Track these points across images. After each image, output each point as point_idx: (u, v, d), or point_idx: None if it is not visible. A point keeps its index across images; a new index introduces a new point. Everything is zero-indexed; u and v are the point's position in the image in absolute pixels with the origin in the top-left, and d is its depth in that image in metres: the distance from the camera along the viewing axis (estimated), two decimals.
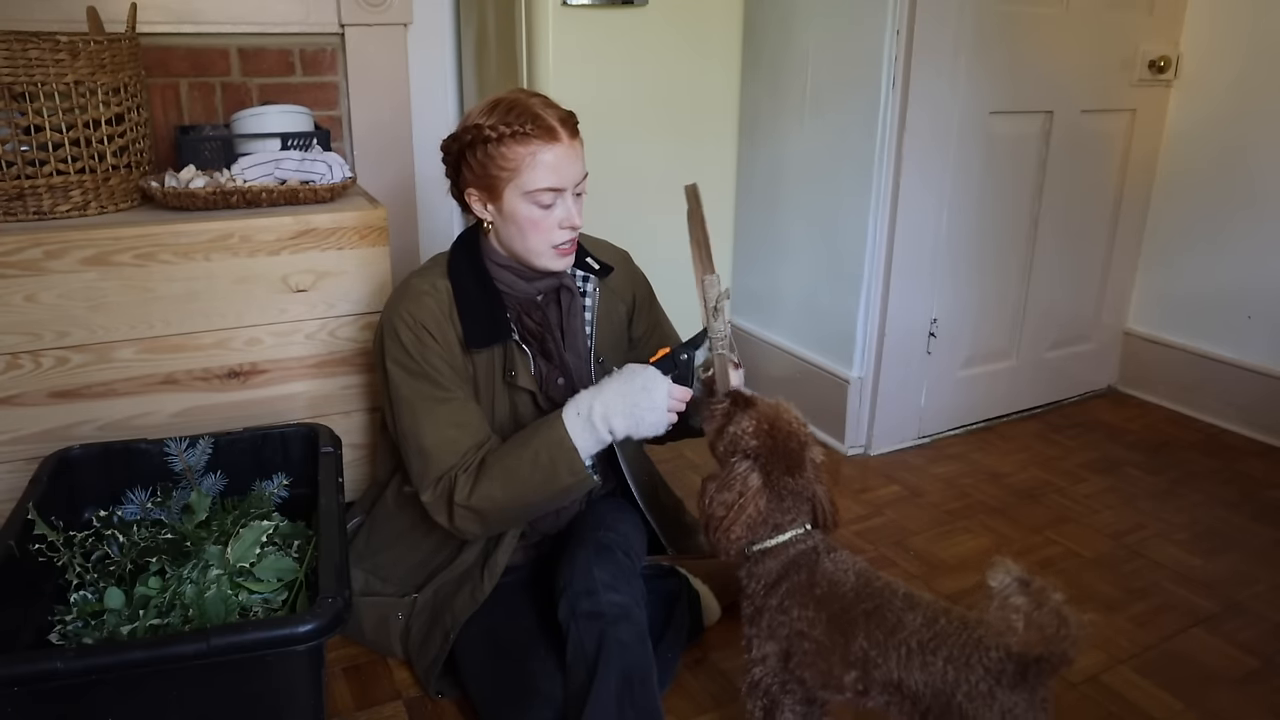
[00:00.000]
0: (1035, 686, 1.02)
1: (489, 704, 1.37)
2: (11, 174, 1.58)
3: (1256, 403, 2.46)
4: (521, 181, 1.34)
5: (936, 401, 2.42)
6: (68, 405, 1.60)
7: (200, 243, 1.62)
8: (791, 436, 1.20)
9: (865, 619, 1.12)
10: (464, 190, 1.40)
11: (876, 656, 1.10)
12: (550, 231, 1.37)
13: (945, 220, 2.26)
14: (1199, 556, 1.92)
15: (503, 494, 1.31)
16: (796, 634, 1.18)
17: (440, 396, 1.36)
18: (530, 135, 1.32)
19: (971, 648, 1.04)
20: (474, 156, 1.35)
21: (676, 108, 2.39)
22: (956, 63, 2.13)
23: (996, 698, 1.01)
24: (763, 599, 1.22)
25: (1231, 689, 1.53)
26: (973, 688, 1.02)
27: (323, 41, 2.36)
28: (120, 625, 1.27)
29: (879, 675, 1.10)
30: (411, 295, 1.39)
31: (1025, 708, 1.01)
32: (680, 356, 1.33)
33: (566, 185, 1.36)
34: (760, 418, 1.21)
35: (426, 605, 1.49)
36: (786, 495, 1.20)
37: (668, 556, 1.65)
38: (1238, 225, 2.46)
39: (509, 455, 1.33)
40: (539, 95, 1.38)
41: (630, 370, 1.33)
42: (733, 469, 1.20)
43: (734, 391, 1.27)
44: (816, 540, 1.22)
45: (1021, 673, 1.01)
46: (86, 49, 1.58)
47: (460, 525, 1.34)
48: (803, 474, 1.20)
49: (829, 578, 1.18)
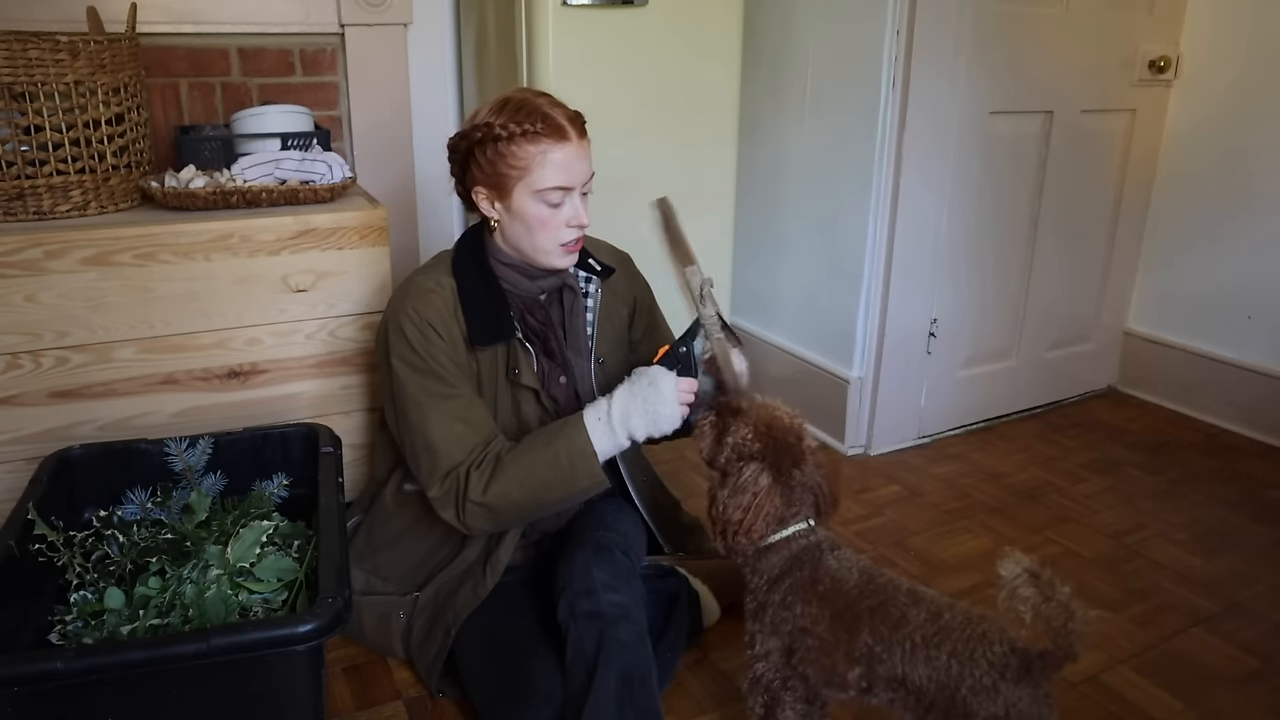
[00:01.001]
0: (1039, 681, 1.02)
1: (488, 704, 1.37)
2: (11, 174, 1.58)
3: (1256, 403, 2.46)
4: (531, 180, 1.34)
5: (936, 401, 2.42)
6: (68, 405, 1.60)
7: (200, 243, 1.62)
8: (789, 432, 1.23)
9: (869, 615, 1.13)
10: (471, 189, 1.41)
11: (881, 652, 1.10)
12: (558, 230, 1.38)
13: (945, 220, 2.26)
14: (1199, 556, 1.92)
15: (519, 492, 1.33)
16: (800, 630, 1.19)
17: (447, 393, 1.36)
18: (541, 134, 1.33)
19: (976, 642, 1.04)
20: (483, 154, 1.35)
21: (676, 108, 2.39)
22: (956, 63, 2.13)
23: (1000, 692, 1.02)
24: (766, 594, 1.23)
25: (1231, 689, 1.53)
26: (977, 682, 1.03)
27: (323, 41, 2.36)
28: (120, 625, 1.27)
29: (883, 671, 1.11)
30: (417, 292, 1.40)
31: (1029, 702, 1.02)
32: (680, 350, 1.36)
33: (575, 184, 1.37)
34: (758, 421, 1.23)
35: (428, 603, 1.49)
36: (795, 488, 1.23)
37: (668, 556, 1.65)
38: (1238, 225, 2.46)
39: (527, 455, 1.34)
40: (546, 94, 1.38)
41: (637, 373, 1.36)
42: (741, 473, 1.22)
43: (722, 406, 1.29)
44: (820, 536, 1.24)
45: (1026, 667, 1.01)
46: (86, 49, 1.58)
47: (469, 521, 1.34)
48: (806, 466, 1.24)
49: (832, 574, 1.19)
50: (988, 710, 1.02)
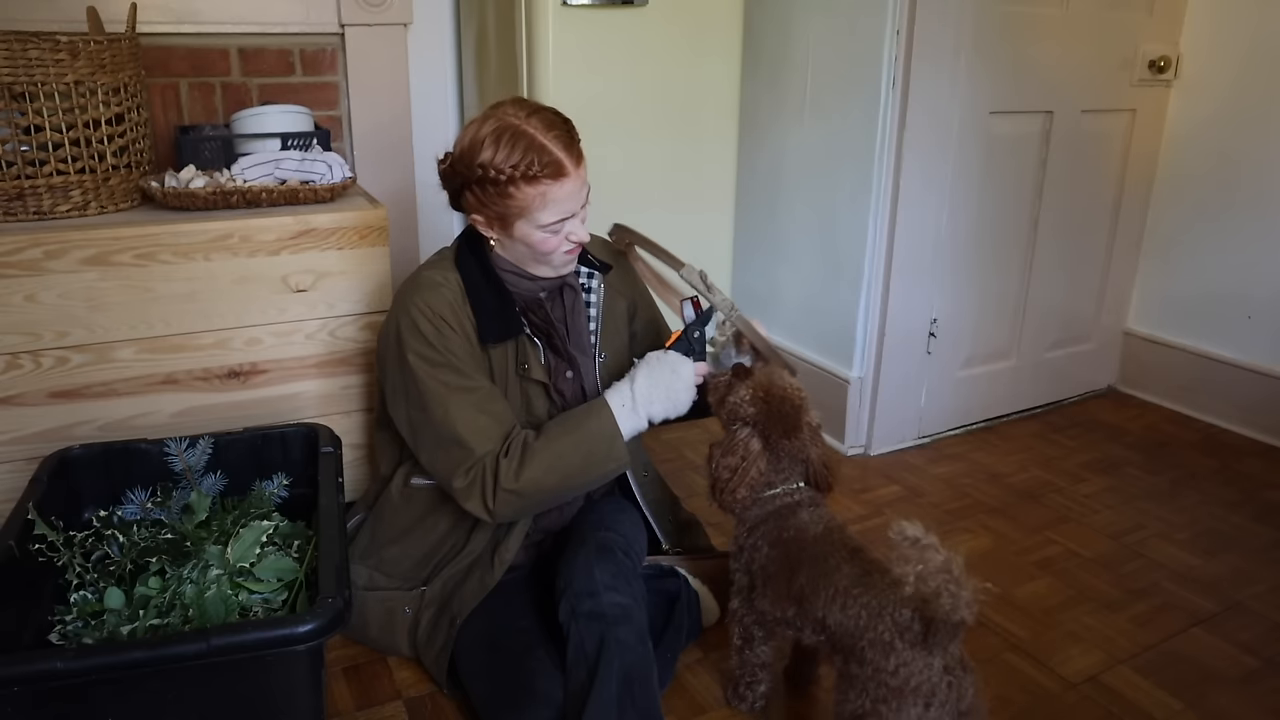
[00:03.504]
0: (934, 649, 1.09)
1: (489, 704, 1.37)
2: (11, 174, 1.58)
3: (1256, 403, 2.46)
4: (533, 217, 1.34)
5: (936, 401, 2.42)
6: (68, 405, 1.60)
7: (200, 243, 1.62)
8: (786, 401, 1.31)
9: (810, 561, 1.25)
10: (468, 213, 1.40)
11: (810, 595, 1.23)
12: (559, 248, 1.39)
13: (945, 220, 2.26)
14: (1199, 556, 1.92)
15: (549, 478, 1.35)
16: (760, 568, 1.33)
17: (467, 385, 1.37)
18: (540, 176, 1.30)
19: (888, 603, 1.13)
20: (481, 191, 1.34)
21: (677, 107, 2.39)
22: (956, 63, 2.13)
23: (895, 650, 1.11)
24: (745, 539, 1.37)
25: (1231, 689, 1.53)
26: (877, 636, 1.12)
27: (323, 41, 2.36)
28: (120, 625, 1.27)
29: (810, 611, 1.23)
30: (426, 285, 1.40)
31: (920, 667, 1.10)
32: (693, 335, 1.43)
33: (575, 212, 1.37)
34: (756, 386, 1.32)
35: (435, 597, 1.49)
36: (783, 456, 1.33)
37: (668, 556, 1.65)
38: (1238, 225, 2.46)
39: (556, 441, 1.36)
40: (536, 114, 1.33)
41: (655, 358, 1.40)
42: (734, 435, 1.32)
43: (740, 366, 1.39)
44: (803, 496, 1.35)
45: (924, 633, 1.09)
46: (86, 49, 1.58)
47: (498, 508, 1.35)
48: (798, 436, 1.32)
49: (798, 526, 1.31)
50: (881, 665, 1.11)
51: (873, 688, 1.11)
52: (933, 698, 1.10)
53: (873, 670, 1.11)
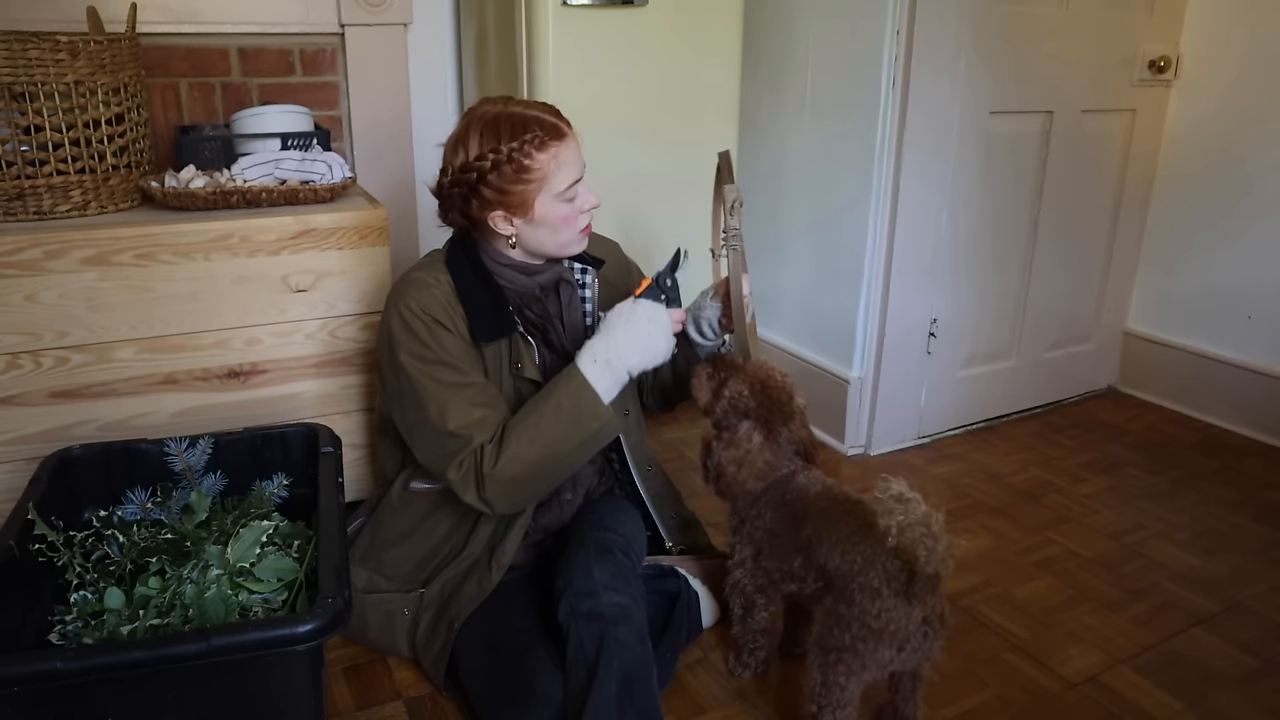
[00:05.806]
0: (913, 600, 1.18)
1: (488, 704, 1.37)
2: (11, 174, 1.58)
3: (1256, 403, 2.46)
4: (551, 185, 1.36)
5: (936, 401, 2.42)
6: (68, 405, 1.60)
7: (200, 243, 1.62)
8: (781, 391, 1.37)
9: (815, 514, 1.33)
10: (484, 217, 1.39)
11: (816, 543, 1.30)
12: (577, 220, 1.41)
13: (945, 220, 2.26)
14: (1199, 556, 1.92)
15: (530, 451, 1.32)
16: (766, 532, 1.40)
17: (461, 381, 1.37)
18: (546, 139, 1.35)
19: (882, 553, 1.20)
20: (497, 179, 1.35)
21: (676, 108, 2.39)
22: (956, 63, 2.13)
23: (881, 596, 1.19)
24: (747, 511, 1.43)
25: (1231, 689, 1.53)
26: (867, 581, 1.20)
27: (323, 41, 2.36)
28: (120, 625, 1.27)
29: (815, 559, 1.30)
30: (418, 285, 1.40)
31: (901, 614, 1.19)
32: (665, 281, 1.42)
33: (582, 175, 1.41)
34: (752, 380, 1.37)
35: (434, 599, 1.49)
36: (783, 444, 1.39)
37: (668, 557, 1.65)
38: (1237, 225, 2.46)
39: (531, 413, 1.35)
40: (510, 100, 1.39)
41: (625, 309, 1.40)
42: (736, 430, 1.37)
43: (717, 358, 1.44)
44: (797, 465, 1.41)
45: (908, 584, 1.17)
46: (86, 49, 1.58)
47: (490, 496, 1.34)
48: (795, 423, 1.38)
49: (798, 488, 1.38)
50: (865, 606, 1.20)
51: (856, 627, 1.21)
52: (906, 643, 1.21)
53: (859, 611, 1.20)
